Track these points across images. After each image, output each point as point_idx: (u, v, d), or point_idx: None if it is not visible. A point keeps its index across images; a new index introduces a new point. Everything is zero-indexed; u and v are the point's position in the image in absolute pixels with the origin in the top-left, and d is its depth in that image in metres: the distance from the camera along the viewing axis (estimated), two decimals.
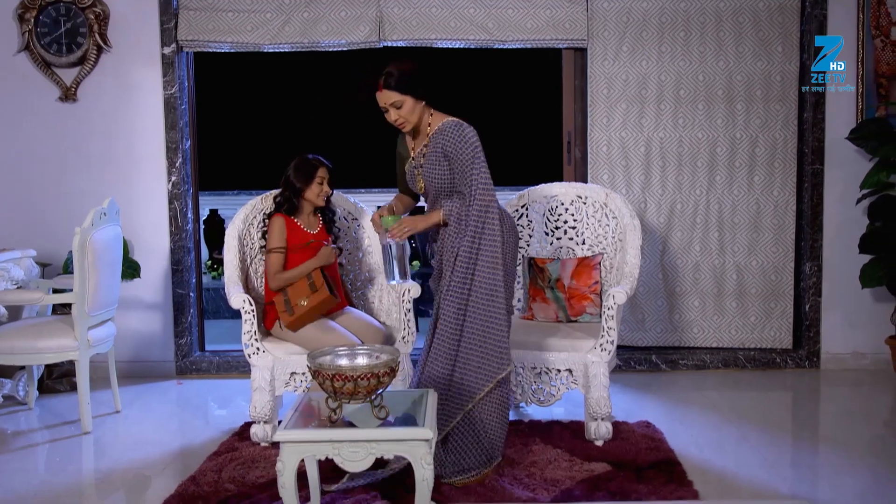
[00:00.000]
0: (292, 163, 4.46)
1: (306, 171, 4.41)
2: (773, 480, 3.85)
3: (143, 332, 5.74)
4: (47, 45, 5.57)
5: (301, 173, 4.41)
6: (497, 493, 3.62)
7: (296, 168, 4.43)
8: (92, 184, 5.65)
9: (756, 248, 5.62)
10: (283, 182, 4.46)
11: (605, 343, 4.25)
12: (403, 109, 3.83)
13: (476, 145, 3.82)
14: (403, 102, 3.82)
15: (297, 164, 4.44)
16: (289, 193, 4.43)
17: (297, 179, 4.41)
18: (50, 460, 4.28)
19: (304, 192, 4.42)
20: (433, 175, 3.91)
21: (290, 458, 2.94)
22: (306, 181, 4.41)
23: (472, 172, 3.80)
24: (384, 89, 3.82)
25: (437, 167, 3.89)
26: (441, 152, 3.87)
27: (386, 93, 3.83)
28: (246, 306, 4.29)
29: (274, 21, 5.58)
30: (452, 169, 3.85)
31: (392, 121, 3.89)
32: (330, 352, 3.18)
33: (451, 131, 3.85)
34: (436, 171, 3.90)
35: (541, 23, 5.55)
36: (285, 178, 4.46)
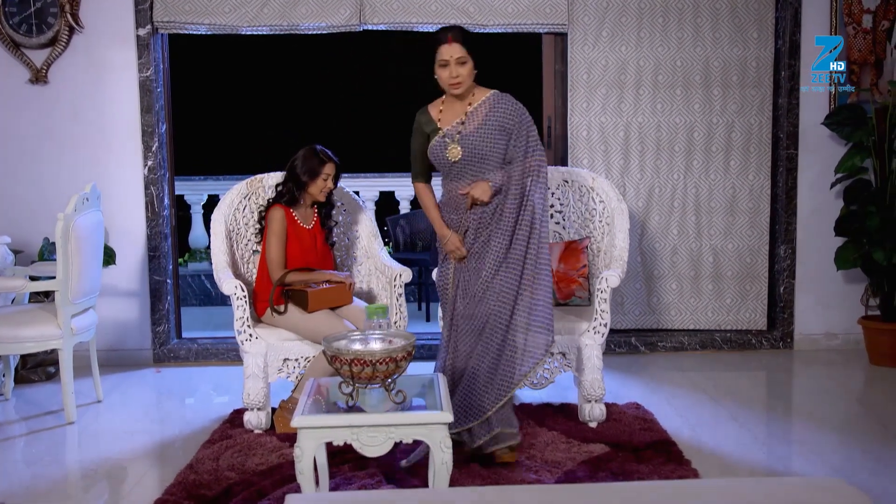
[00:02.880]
0: (300, 153, 4.37)
1: (313, 165, 4.33)
2: (768, 458, 3.95)
3: (119, 319, 5.62)
4: (16, 26, 5.41)
5: (308, 167, 4.33)
6: (500, 476, 3.64)
7: (303, 160, 4.34)
8: (64, 168, 5.51)
9: (732, 232, 5.73)
10: (288, 172, 4.38)
11: (599, 326, 4.30)
12: (465, 68, 3.79)
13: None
14: (467, 61, 3.79)
15: (304, 156, 4.35)
16: (292, 185, 4.35)
17: (303, 172, 4.33)
18: (37, 452, 4.18)
19: (307, 186, 4.35)
20: (485, 146, 3.84)
21: (308, 444, 2.91)
22: (312, 176, 4.34)
23: (529, 136, 3.87)
24: (454, 42, 3.77)
25: (492, 138, 3.84)
26: (499, 124, 3.84)
27: (456, 46, 3.77)
28: (238, 292, 4.23)
29: (252, 3, 5.49)
30: (509, 139, 3.85)
31: (450, 77, 3.80)
32: (344, 336, 3.15)
33: (509, 101, 3.89)
34: (488, 141, 3.84)
35: (522, 7, 5.55)
36: (290, 170, 4.37)
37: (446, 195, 3.99)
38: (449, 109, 3.94)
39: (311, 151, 4.37)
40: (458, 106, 3.92)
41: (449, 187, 3.95)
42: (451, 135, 3.88)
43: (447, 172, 3.94)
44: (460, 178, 3.90)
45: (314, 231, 4.43)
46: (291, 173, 4.36)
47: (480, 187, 3.83)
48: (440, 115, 3.95)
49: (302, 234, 4.37)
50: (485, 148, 3.84)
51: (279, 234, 4.29)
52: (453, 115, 3.92)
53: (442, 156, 3.89)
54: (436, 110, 3.98)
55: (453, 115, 3.92)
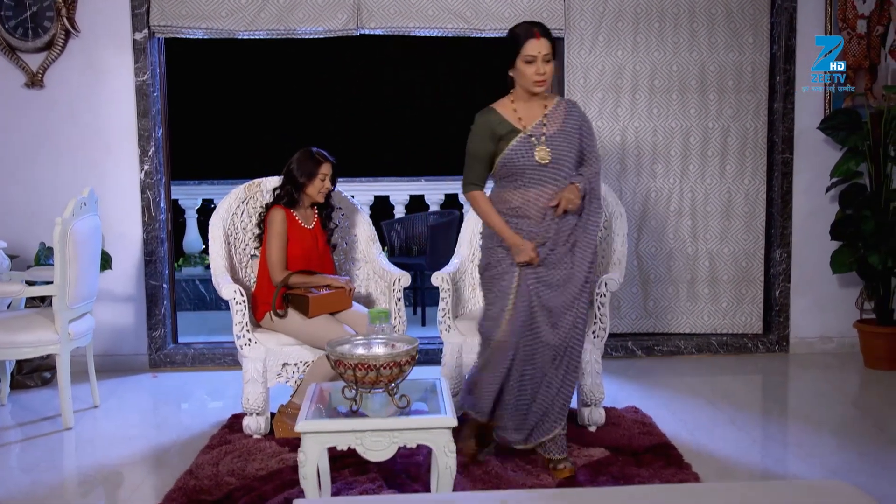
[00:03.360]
0: (295, 156, 4.37)
1: (310, 166, 4.33)
2: (767, 461, 3.97)
3: (115, 324, 5.61)
4: (12, 29, 5.39)
5: (304, 168, 4.33)
6: (502, 479, 3.64)
7: (299, 162, 4.35)
8: (60, 173, 5.49)
9: (728, 236, 5.75)
10: (285, 175, 4.38)
11: (599, 330, 4.30)
12: (550, 66, 3.60)
13: None
14: (552, 59, 3.61)
15: (300, 158, 4.36)
16: (290, 187, 4.35)
17: (300, 174, 4.33)
18: (35, 457, 4.15)
19: (305, 188, 4.35)
20: (568, 149, 3.66)
21: (312, 448, 2.91)
22: (309, 176, 4.33)
23: (593, 143, 3.76)
24: (542, 37, 3.58)
25: (572, 142, 3.68)
26: (576, 128, 3.69)
27: (544, 41, 3.59)
28: (237, 297, 4.23)
29: (249, 7, 5.49)
30: (580, 145, 3.71)
31: (536, 75, 3.59)
32: (347, 341, 3.15)
33: (579, 107, 3.79)
34: (570, 145, 3.67)
35: (518, 12, 5.56)
36: (287, 171, 4.37)
37: (518, 202, 3.68)
38: (525, 109, 3.69)
39: (307, 153, 4.38)
40: (535, 106, 3.70)
41: (524, 195, 3.66)
42: (536, 136, 3.64)
43: (523, 178, 3.65)
44: (541, 183, 3.64)
45: (315, 231, 4.43)
46: (288, 175, 4.36)
47: (570, 194, 3.62)
48: (517, 115, 3.68)
49: (303, 234, 4.37)
50: (568, 152, 3.66)
51: (280, 235, 4.28)
52: (531, 115, 3.69)
53: (527, 158, 3.62)
54: (507, 110, 3.70)
55: (532, 116, 3.69)
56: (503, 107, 3.71)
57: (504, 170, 3.67)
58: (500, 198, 3.72)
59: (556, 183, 3.64)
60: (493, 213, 3.71)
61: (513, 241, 3.65)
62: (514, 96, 3.72)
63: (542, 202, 3.65)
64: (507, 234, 3.67)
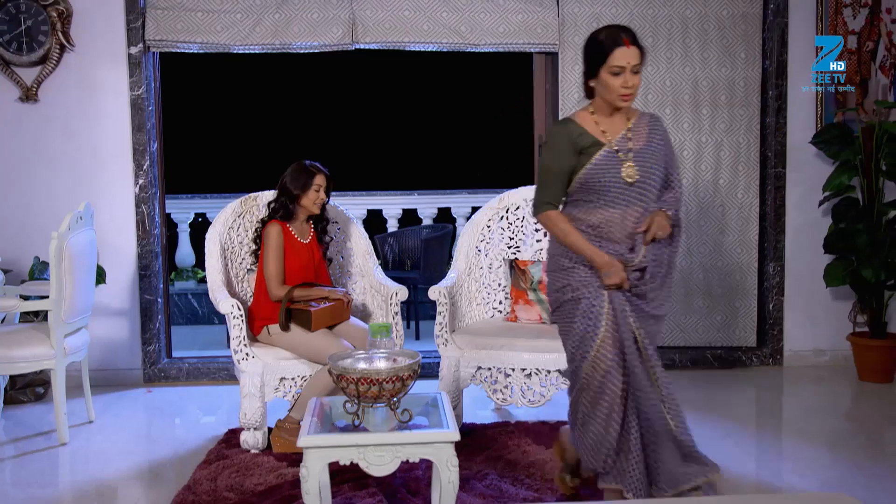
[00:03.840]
0: (289, 169, 4.39)
1: (303, 177, 4.34)
2: (763, 474, 3.98)
3: (109, 339, 5.58)
4: (6, 44, 5.38)
5: (298, 180, 4.34)
6: (503, 494, 3.64)
7: (292, 174, 4.36)
8: (54, 187, 5.48)
9: (721, 250, 5.78)
10: (279, 188, 4.39)
11: None
12: (637, 78, 3.22)
13: None
14: (640, 70, 3.23)
15: (293, 171, 4.36)
16: (284, 200, 4.36)
17: (294, 186, 4.34)
18: (31, 473, 4.12)
19: (300, 199, 4.35)
20: (655, 168, 3.28)
21: (314, 463, 2.90)
22: (303, 188, 4.34)
23: (676, 164, 3.42)
24: (632, 46, 3.18)
25: (658, 160, 3.30)
26: (662, 145, 3.33)
27: (634, 50, 3.19)
28: (235, 311, 4.22)
29: (245, 22, 5.50)
30: (666, 161, 3.36)
31: (622, 87, 3.19)
32: (349, 355, 3.15)
33: (662, 122, 3.42)
34: (656, 163, 3.29)
35: (513, 27, 5.60)
36: (281, 184, 4.38)
37: (597, 221, 3.28)
38: (607, 122, 3.31)
39: (301, 165, 4.39)
40: (618, 120, 3.32)
41: (606, 215, 3.26)
42: (623, 150, 3.28)
43: (605, 197, 3.25)
44: (626, 204, 3.24)
45: (311, 245, 4.43)
46: (283, 188, 4.37)
47: (661, 220, 3.26)
48: (600, 128, 3.30)
49: (299, 248, 4.37)
50: (656, 170, 3.28)
51: (277, 250, 4.28)
52: (615, 129, 3.31)
53: (613, 175, 3.23)
54: (589, 121, 3.32)
55: (615, 130, 3.31)
56: (583, 118, 3.33)
57: (584, 187, 3.28)
58: (575, 218, 3.32)
59: (642, 204, 3.25)
60: (576, 232, 3.28)
61: (602, 261, 3.21)
62: (594, 107, 3.34)
63: (628, 224, 3.25)
64: (594, 253, 3.23)
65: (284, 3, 5.49)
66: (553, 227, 3.34)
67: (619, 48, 3.17)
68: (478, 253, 4.90)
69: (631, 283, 3.25)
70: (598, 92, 3.28)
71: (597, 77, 3.25)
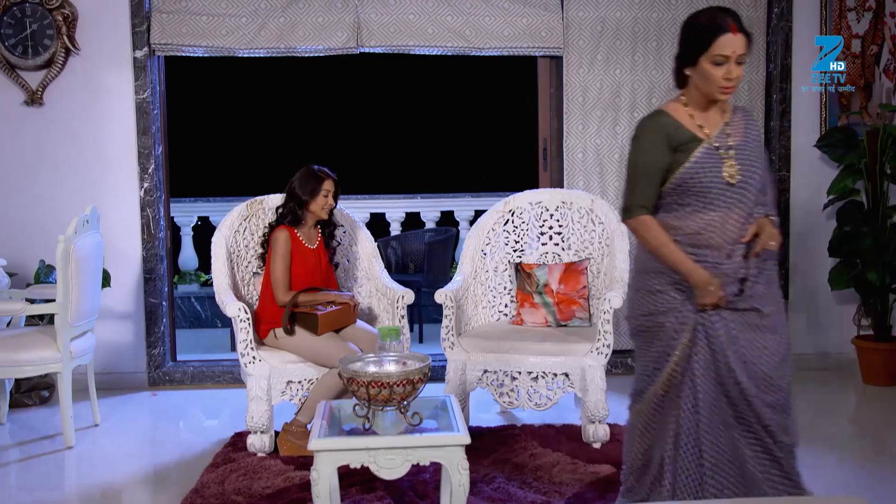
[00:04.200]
0: (297, 174, 4.39)
1: (312, 183, 4.34)
2: None
3: (114, 342, 5.57)
4: (12, 47, 5.38)
5: (307, 185, 4.34)
6: (511, 497, 3.64)
7: (301, 180, 4.36)
8: (59, 190, 5.48)
9: None
10: (288, 193, 4.39)
11: (602, 347, 4.32)
12: (741, 69, 2.90)
13: None
14: (744, 60, 2.90)
15: (302, 176, 4.37)
16: (293, 205, 4.36)
17: (303, 192, 4.34)
18: (37, 477, 4.12)
19: (308, 205, 4.35)
20: (756, 166, 2.97)
21: (325, 467, 2.91)
22: (312, 194, 4.34)
23: (768, 163, 3.12)
24: (739, 33, 2.85)
25: (758, 158, 3.00)
26: (760, 139, 3.06)
27: (741, 38, 2.86)
28: (241, 315, 4.22)
29: (249, 25, 5.50)
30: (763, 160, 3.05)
31: (725, 79, 2.87)
32: (359, 359, 3.16)
33: (755, 118, 3.12)
34: (757, 161, 2.98)
35: (517, 31, 5.61)
36: (290, 190, 4.38)
37: (695, 227, 2.95)
38: (702, 115, 2.99)
39: (309, 170, 4.39)
40: (714, 114, 3.00)
41: (705, 219, 2.93)
42: (723, 147, 2.96)
43: (704, 199, 2.94)
44: (727, 206, 2.92)
45: (318, 251, 4.44)
46: (291, 193, 4.37)
47: (770, 229, 2.93)
48: (696, 121, 2.98)
49: (306, 254, 4.37)
50: (757, 169, 2.97)
51: (284, 256, 4.28)
52: (712, 123, 2.99)
53: (714, 174, 2.92)
54: (682, 114, 2.99)
55: (713, 124, 2.99)
56: (676, 110, 3.00)
57: (680, 189, 2.95)
58: (670, 226, 2.97)
59: (743, 207, 2.92)
60: (670, 241, 2.94)
61: (699, 279, 2.87)
62: (688, 99, 3.00)
63: (729, 230, 2.92)
64: (691, 270, 2.88)
65: (289, 6, 5.50)
66: (646, 235, 2.98)
67: (724, 35, 2.83)
68: (483, 256, 4.90)
69: (728, 300, 2.89)
70: (695, 82, 2.94)
71: (695, 66, 2.91)
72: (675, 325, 2.94)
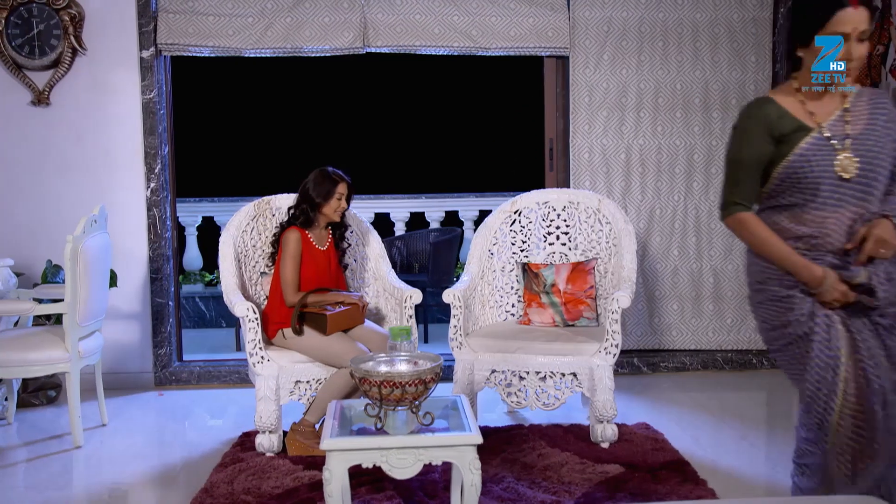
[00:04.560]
0: (311, 176, 4.38)
1: (326, 186, 4.33)
2: (780, 476, 3.97)
3: (120, 342, 5.57)
4: (19, 48, 5.38)
5: (321, 188, 4.34)
6: (520, 497, 3.64)
7: (315, 182, 4.36)
8: (66, 190, 5.48)
9: (732, 253, 5.78)
10: (301, 195, 4.39)
11: (610, 346, 4.32)
12: (864, 47, 2.62)
13: None
14: (866, 38, 2.61)
15: (316, 179, 4.36)
16: (306, 207, 4.36)
17: (317, 194, 4.34)
18: (47, 476, 4.12)
19: (321, 208, 4.35)
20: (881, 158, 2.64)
21: (337, 466, 2.91)
22: (325, 196, 4.34)
23: None
24: (861, 6, 2.58)
25: (885, 145, 2.66)
26: (886, 127, 2.69)
27: (864, 13, 2.59)
28: (250, 314, 4.22)
29: (256, 25, 5.50)
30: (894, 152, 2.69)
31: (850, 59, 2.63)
32: (370, 358, 3.16)
33: (887, 97, 2.76)
34: (883, 149, 2.65)
35: (524, 31, 5.61)
36: (303, 191, 4.37)
37: (808, 229, 2.67)
38: (816, 102, 2.71)
39: (323, 173, 4.38)
40: (831, 99, 2.72)
41: (816, 218, 2.66)
42: (838, 137, 2.67)
43: (815, 196, 2.65)
44: (841, 204, 2.64)
45: (328, 253, 4.44)
46: (305, 196, 4.37)
47: (884, 231, 2.58)
48: (806, 108, 2.71)
49: (317, 255, 4.37)
50: (882, 160, 2.64)
51: (294, 257, 4.28)
52: (826, 109, 2.71)
53: (824, 168, 2.63)
54: (792, 100, 2.72)
55: (827, 111, 2.71)
56: (785, 96, 2.72)
57: (785, 185, 2.67)
58: (777, 224, 2.71)
59: (861, 205, 2.63)
60: (776, 239, 2.67)
61: (811, 275, 2.60)
62: (801, 81, 2.74)
63: (843, 230, 2.64)
64: (802, 266, 2.61)
65: (296, 7, 5.50)
66: (745, 233, 2.74)
67: (843, 9, 2.59)
68: (490, 256, 4.90)
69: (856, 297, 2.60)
70: (808, 64, 2.68)
71: (808, 46, 2.64)
72: (822, 332, 2.61)
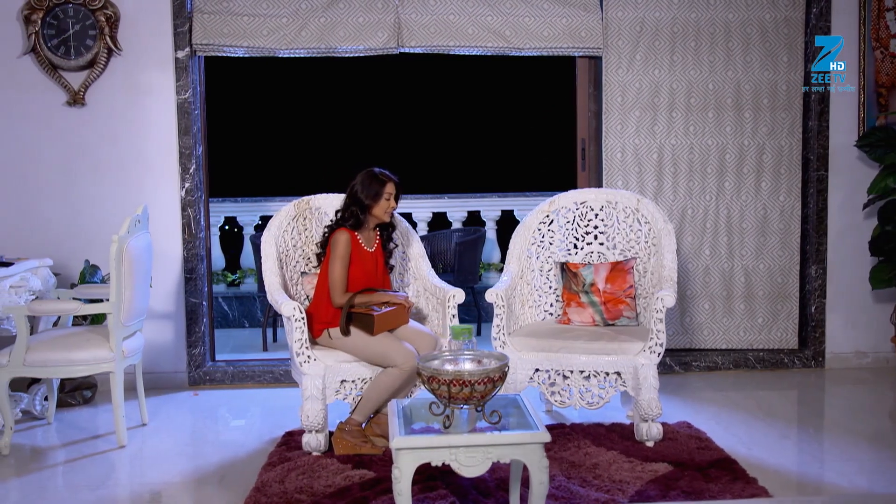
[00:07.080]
0: (358, 178, 4.38)
1: (375, 186, 4.34)
2: (829, 475, 3.98)
3: (154, 342, 5.58)
4: (54, 48, 5.39)
5: (369, 189, 4.34)
6: (573, 495, 3.65)
7: (363, 183, 4.36)
8: (101, 191, 5.48)
9: (763, 252, 5.80)
10: (349, 196, 4.39)
11: (655, 346, 4.34)
12: None
13: None
14: None
15: (364, 180, 4.36)
16: (356, 209, 4.36)
17: (366, 195, 4.34)
18: (96, 475, 4.12)
19: (371, 209, 4.36)
20: None
21: (406, 465, 2.92)
22: (375, 198, 4.34)
23: None
24: None
25: None
26: None
27: None
28: (296, 314, 4.23)
29: (290, 26, 5.51)
30: None
31: None
32: (435, 357, 3.17)
33: None
34: None
35: (557, 31, 5.62)
36: (351, 193, 4.38)
37: None
38: None
39: (370, 174, 4.38)
40: None
41: None
42: None
43: None
44: None
45: (376, 254, 4.44)
46: (353, 197, 4.37)
47: None
48: None
49: (365, 257, 4.38)
50: None
51: (343, 258, 4.29)
52: None
53: None
54: None
55: None
56: None
57: None
58: None
59: None
60: None
61: None
62: None
63: None
64: None
65: (330, 7, 5.51)
66: None
67: None
68: (528, 256, 4.92)
69: None
70: None
71: None
72: None
